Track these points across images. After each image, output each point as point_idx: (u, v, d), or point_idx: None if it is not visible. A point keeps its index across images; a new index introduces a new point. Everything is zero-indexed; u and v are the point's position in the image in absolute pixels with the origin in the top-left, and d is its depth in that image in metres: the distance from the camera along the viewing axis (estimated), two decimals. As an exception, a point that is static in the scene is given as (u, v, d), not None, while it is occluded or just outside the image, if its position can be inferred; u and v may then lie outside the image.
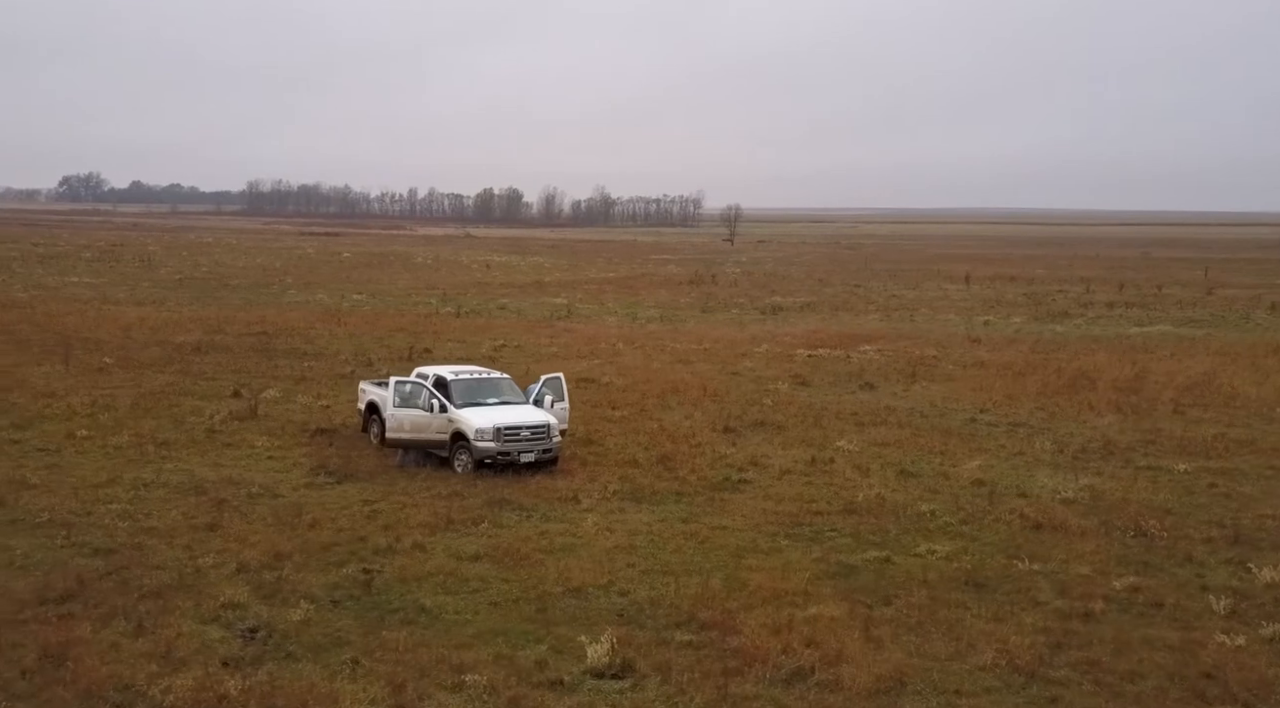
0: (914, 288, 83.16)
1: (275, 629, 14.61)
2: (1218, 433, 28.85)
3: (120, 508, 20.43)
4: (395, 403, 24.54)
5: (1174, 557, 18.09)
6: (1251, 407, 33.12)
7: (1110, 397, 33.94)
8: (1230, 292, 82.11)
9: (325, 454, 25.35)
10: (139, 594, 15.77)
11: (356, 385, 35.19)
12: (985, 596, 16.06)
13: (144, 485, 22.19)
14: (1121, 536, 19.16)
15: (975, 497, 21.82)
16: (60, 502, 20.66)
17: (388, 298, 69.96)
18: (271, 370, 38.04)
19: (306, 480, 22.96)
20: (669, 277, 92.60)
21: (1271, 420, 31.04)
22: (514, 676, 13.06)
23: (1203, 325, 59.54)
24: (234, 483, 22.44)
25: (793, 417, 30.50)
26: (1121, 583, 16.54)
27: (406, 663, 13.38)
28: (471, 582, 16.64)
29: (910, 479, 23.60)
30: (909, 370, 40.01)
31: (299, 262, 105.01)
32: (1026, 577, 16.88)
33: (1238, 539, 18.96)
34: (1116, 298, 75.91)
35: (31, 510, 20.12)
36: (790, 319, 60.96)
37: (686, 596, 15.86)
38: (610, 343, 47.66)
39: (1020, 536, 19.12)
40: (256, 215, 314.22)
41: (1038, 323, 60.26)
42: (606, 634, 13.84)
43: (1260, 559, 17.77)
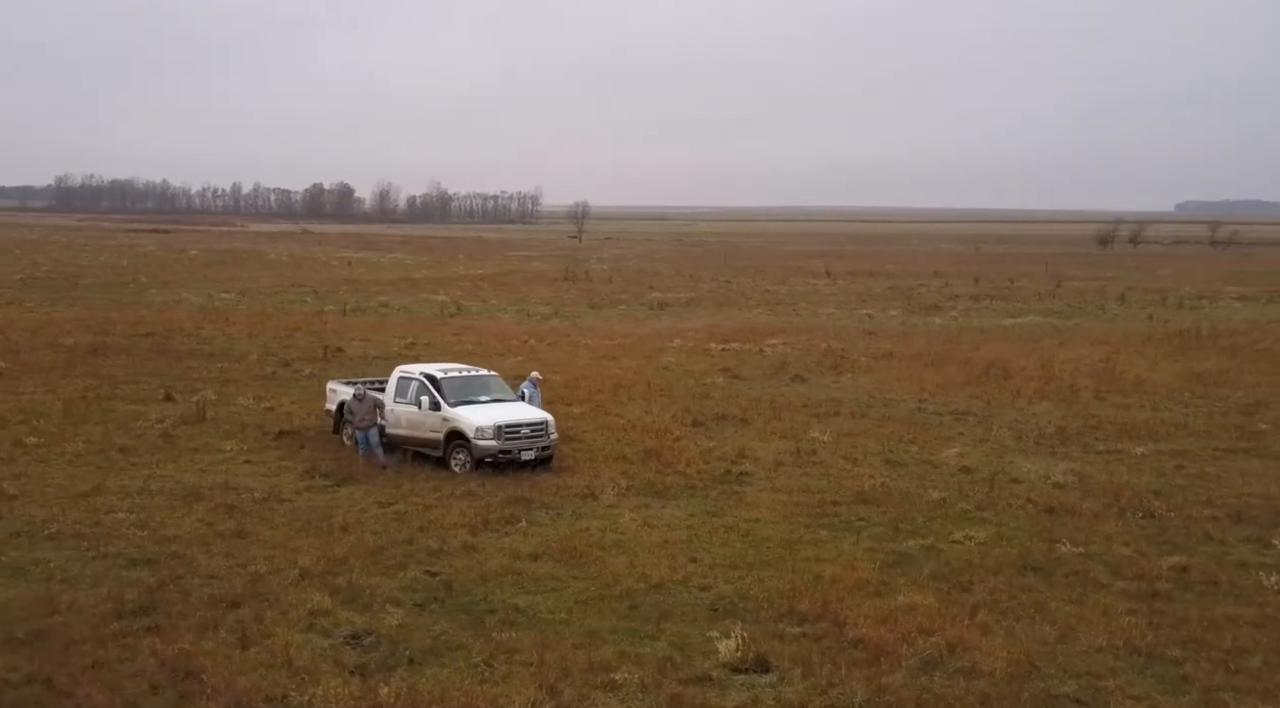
0: (782, 283, 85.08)
1: (380, 636, 14.23)
2: (1147, 417, 30.62)
3: (128, 517, 19.49)
4: (395, 399, 24.16)
5: (1193, 536, 19.07)
6: (1160, 392, 35.20)
7: (1032, 385, 35.53)
8: (1075, 284, 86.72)
9: (306, 457, 24.65)
10: (217, 605, 15.14)
11: (294, 387, 34.47)
12: (1049, 579, 16.62)
13: (136, 493, 21.21)
14: (1132, 517, 20.10)
15: (973, 484, 22.61)
16: (59, 513, 19.58)
17: (260, 296, 67.89)
18: (187, 373, 36.63)
19: (305, 484, 22.28)
20: (539, 273, 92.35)
21: (1185, 404, 33.08)
22: (656, 673, 13.02)
23: (1067, 316, 62.75)
24: (231, 488, 21.62)
25: (749, 410, 31.00)
26: (1167, 563, 17.31)
27: (543, 665, 13.22)
28: (544, 581, 16.48)
29: (899, 468, 24.32)
30: (828, 363, 41.06)
31: (146, 260, 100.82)
32: (1076, 560, 17.53)
33: (1240, 518, 20.09)
34: (975, 291, 79.31)
35: (33, 522, 19.03)
36: (681, 315, 61.69)
37: (771, 589, 15.98)
38: (521, 340, 47.41)
39: (1041, 520, 19.88)
40: (67, 212, 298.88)
41: (915, 315, 62.50)
42: (735, 630, 13.90)
43: (1275, 536, 19.02)
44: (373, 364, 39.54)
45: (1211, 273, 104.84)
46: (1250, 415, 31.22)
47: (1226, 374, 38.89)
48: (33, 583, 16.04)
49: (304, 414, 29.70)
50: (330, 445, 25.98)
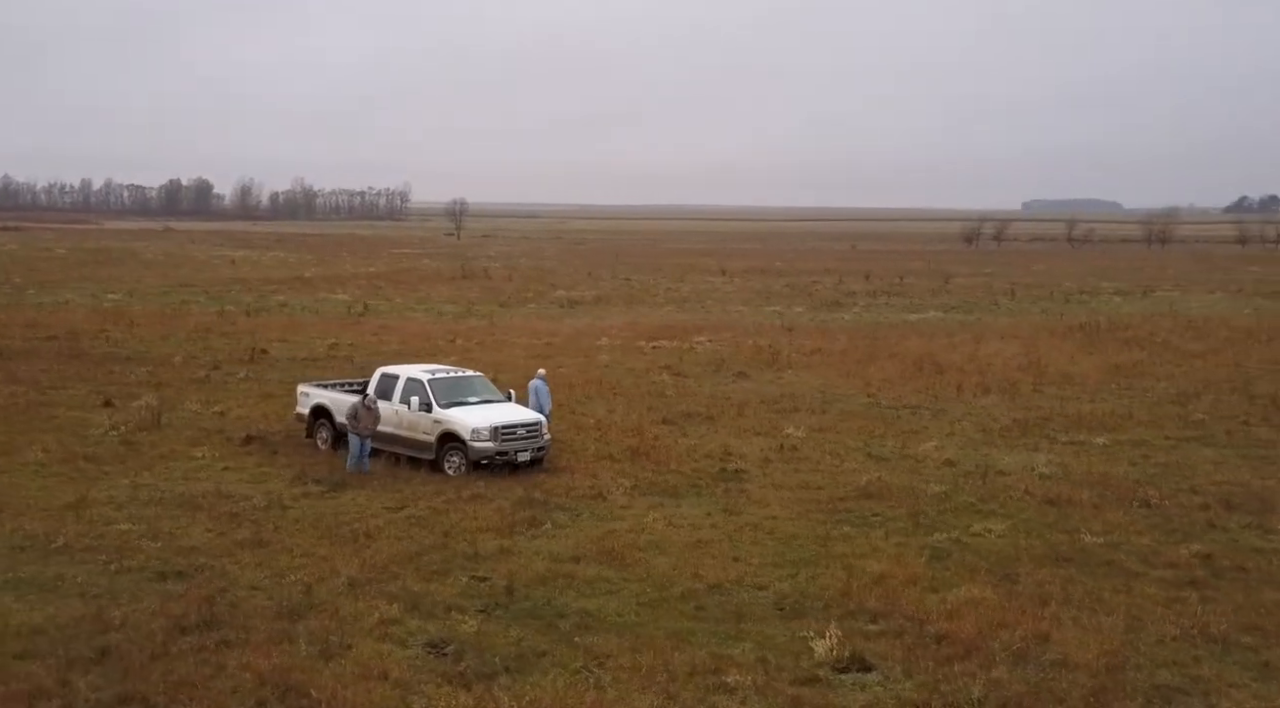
0: (681, 281, 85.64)
1: (460, 644, 13.91)
2: (1090, 409, 31.76)
3: (133, 528, 18.66)
4: (400, 399, 23.72)
5: (1197, 524, 19.73)
6: (1088, 384, 36.54)
7: (972, 379, 36.52)
8: (960, 281, 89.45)
9: (286, 462, 23.99)
10: (279, 616, 14.60)
11: (234, 390, 33.36)
12: (1086, 570, 16.99)
13: (128, 503, 20.37)
14: (1129, 507, 20.72)
15: (964, 477, 23.03)
16: (57, 525, 18.68)
17: (149, 297, 65.54)
18: (112, 377, 35.25)
19: (300, 490, 21.64)
20: (434, 272, 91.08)
21: (1117, 395, 34.39)
22: (766, 675, 12.93)
23: (965, 311, 64.62)
24: (225, 496, 20.88)
25: (711, 407, 31.13)
26: (1188, 551, 17.86)
27: (647, 669, 13.08)
28: (598, 584, 16.30)
29: (883, 462, 24.74)
30: (763, 360, 41.48)
31: (11, 259, 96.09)
32: (1101, 550, 17.98)
33: (1229, 505, 20.95)
34: (869, 288, 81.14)
35: (33, 536, 18.13)
36: (594, 313, 61.61)
37: (826, 586, 16.03)
38: (446, 340, 46.77)
39: (1047, 512, 20.35)
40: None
41: (819, 312, 63.59)
42: (830, 629, 13.94)
43: (1270, 521, 19.90)
44: (304, 366, 38.66)
45: (1082, 268, 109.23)
46: (1183, 405, 32.64)
47: (1141, 366, 40.58)
48: (67, 599, 15.26)
49: (260, 418, 28.83)
50: (304, 450, 25.28)
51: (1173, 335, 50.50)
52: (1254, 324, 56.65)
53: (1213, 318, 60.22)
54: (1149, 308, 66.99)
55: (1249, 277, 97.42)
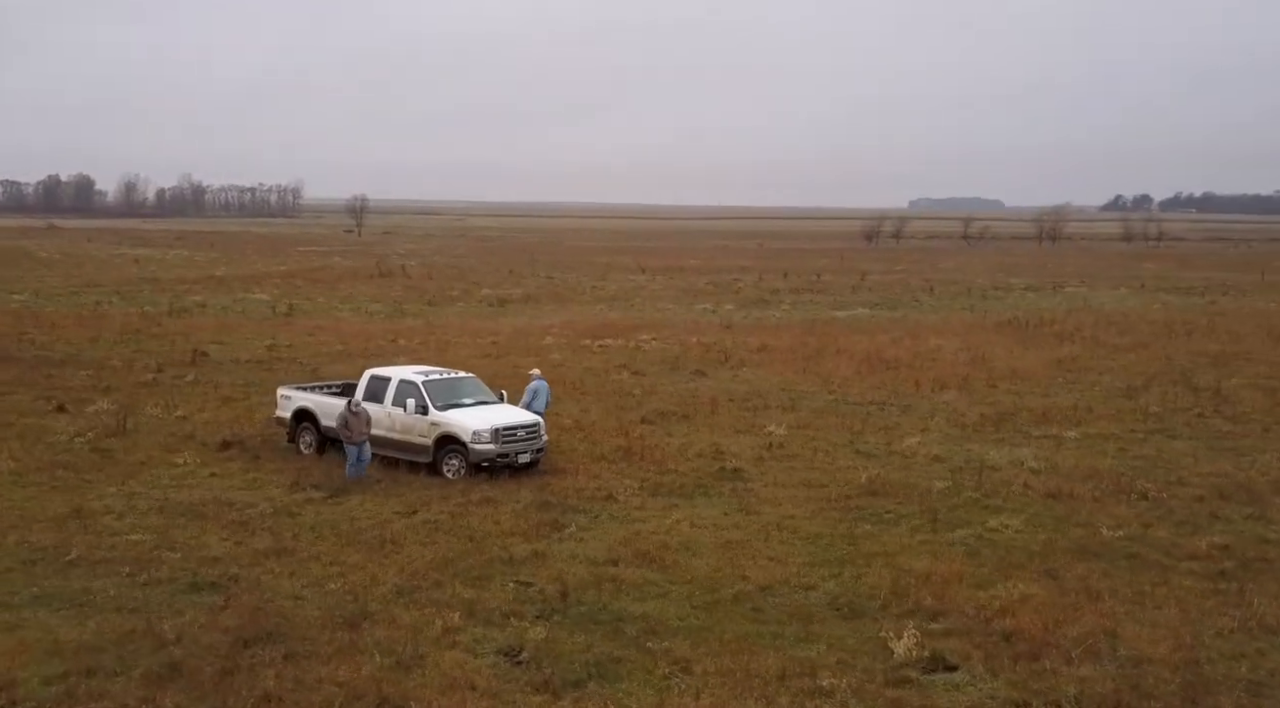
0: (603, 279, 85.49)
1: (532, 651, 13.65)
2: (1050, 403, 32.40)
3: (144, 539, 18.06)
4: (394, 402, 23.25)
5: (1199, 515, 20.21)
6: (1036, 378, 37.34)
7: (925, 375, 37.08)
8: (875, 278, 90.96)
9: (274, 468, 23.40)
10: (336, 627, 14.19)
11: (188, 393, 32.35)
12: (1116, 564, 17.27)
13: (128, 512, 19.73)
14: (1129, 500, 21.14)
15: (959, 472, 23.25)
16: (63, 538, 17.99)
17: (57, 298, 63.45)
18: (52, 381, 34.02)
19: (302, 496, 21.08)
20: (349, 270, 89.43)
21: (1068, 389, 35.16)
22: (854, 677, 12.92)
23: (891, 308, 65.63)
24: (226, 504, 20.27)
25: (683, 406, 31.11)
26: (1204, 543, 18.28)
27: (737, 674, 12.93)
28: (645, 587, 16.10)
29: (873, 458, 24.96)
30: (714, 358, 41.55)
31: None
32: (1123, 544, 18.29)
33: (1222, 496, 21.49)
34: (790, 285, 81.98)
35: (41, 549, 17.49)
36: (526, 311, 61.19)
37: (875, 585, 16.06)
38: (387, 339, 46.03)
39: (1054, 506, 20.65)
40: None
41: (749, 310, 64.00)
42: (909, 629, 13.98)
43: (1269, 512, 20.47)
44: (248, 368, 37.84)
45: (987, 265, 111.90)
46: (1133, 399, 33.58)
47: (1079, 361, 41.66)
48: (105, 614, 14.67)
49: (227, 422, 28.00)
50: (287, 455, 24.64)
51: (1097, 331, 51.95)
52: (1169, 319, 58.63)
53: (1128, 313, 62.20)
54: (1064, 303, 68.84)
55: (1145, 273, 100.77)
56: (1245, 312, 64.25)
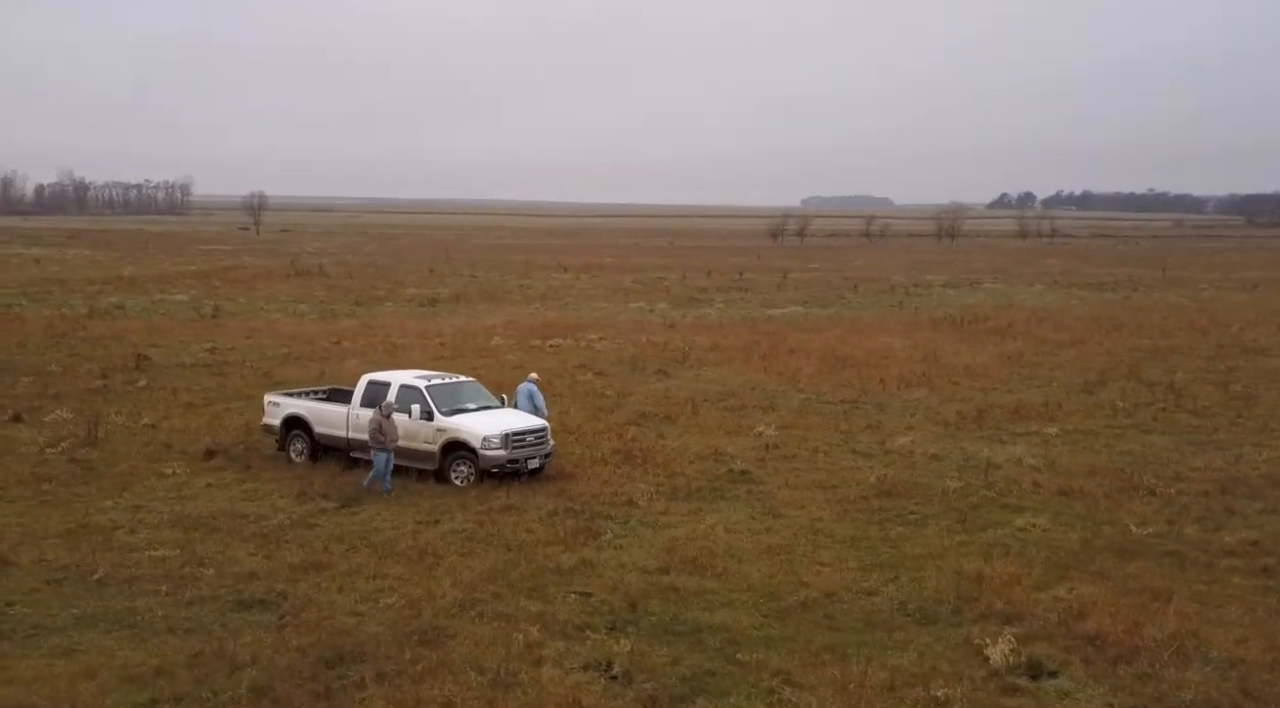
0: (527, 278, 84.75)
1: (624, 665, 13.26)
2: (1017, 400, 32.74)
3: (168, 555, 17.31)
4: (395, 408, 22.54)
5: (1213, 509, 20.55)
6: (994, 375, 37.74)
7: (886, 373, 37.40)
8: (796, 276, 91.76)
9: (271, 476, 22.62)
10: (411, 645, 13.65)
11: (145, 399, 31.11)
12: (1158, 562, 17.42)
13: (139, 527, 18.95)
14: (1139, 496, 21.43)
15: (964, 471, 23.34)
16: (82, 556, 17.16)
17: (-43, 298, 60.48)
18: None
19: (315, 506, 20.37)
20: (264, 269, 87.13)
21: (1029, 385, 35.50)
22: (964, 687, 12.73)
23: (822, 305, 66.00)
24: (238, 516, 19.52)
25: (661, 408, 30.78)
26: (1234, 539, 18.56)
27: (836, 684, 12.78)
28: (706, 596, 15.76)
29: (871, 458, 24.97)
30: (671, 358, 41.34)
31: None
32: (1156, 541, 18.51)
33: (1224, 490, 21.97)
34: (715, 284, 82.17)
35: (63, 568, 16.71)
36: (463, 311, 60.28)
37: (938, 589, 15.99)
38: (330, 341, 44.97)
39: (1071, 503, 20.84)
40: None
41: (684, 308, 63.78)
42: (1004, 635, 13.84)
43: (1277, 507, 20.86)
44: (198, 373, 36.80)
45: (898, 262, 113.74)
46: (1093, 394, 34.25)
47: (1026, 357, 42.36)
48: (161, 636, 14.00)
49: (200, 431, 27.00)
50: (279, 464, 23.82)
51: (1031, 327, 52.96)
52: (1094, 315, 60.14)
53: (1051, 309, 63.63)
54: (987, 300, 70.18)
55: (1053, 269, 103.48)
56: (1160, 307, 66.20)
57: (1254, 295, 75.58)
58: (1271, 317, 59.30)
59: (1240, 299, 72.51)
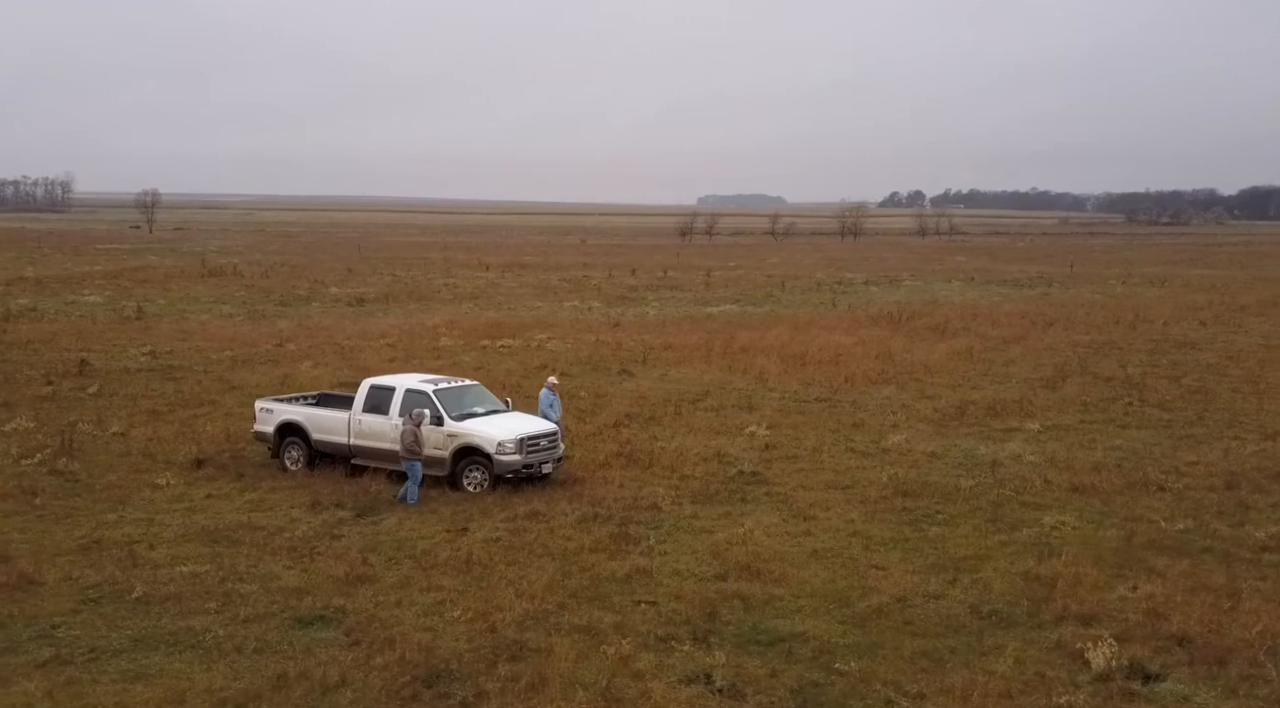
0: (451, 276, 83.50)
1: (727, 678, 12.93)
2: (985, 396, 32.98)
3: (202, 570, 16.57)
4: (400, 413, 21.83)
5: (1228, 505, 20.79)
6: (952, 372, 38.03)
7: (850, 370, 37.52)
8: (719, 274, 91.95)
9: (270, 486, 21.82)
10: (502, 662, 13.12)
11: (103, 406, 29.72)
12: (1200, 558, 17.53)
13: (158, 542, 18.09)
14: (1151, 492, 21.65)
15: (970, 469, 23.46)
16: (111, 573, 16.36)
17: None
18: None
19: (333, 517, 19.63)
20: (175, 269, 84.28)
21: (991, 382, 35.81)
22: (1085, 694, 12.62)
23: (756, 303, 66.06)
24: (254, 528, 18.77)
25: (643, 408, 30.36)
26: (1263, 533, 18.81)
27: (959, 692, 12.61)
28: (774, 603, 15.40)
29: (874, 457, 24.88)
30: (628, 357, 41.02)
31: None
32: (1191, 537, 18.65)
33: (1229, 485, 22.23)
34: (642, 282, 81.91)
35: (96, 586, 15.91)
36: (397, 311, 59.02)
37: (1003, 592, 15.93)
38: (272, 344, 43.57)
39: (1089, 500, 20.96)
40: None
41: (618, 306, 63.35)
42: (1103, 639, 13.73)
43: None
44: (147, 377, 35.50)
45: (813, 260, 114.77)
46: (1054, 390, 34.68)
47: (975, 353, 42.78)
48: (229, 656, 13.36)
49: (175, 439, 25.93)
50: (272, 472, 23.03)
51: (967, 323, 53.62)
52: (1023, 311, 61.19)
53: (979, 305, 64.57)
54: (912, 296, 71.10)
55: (963, 266, 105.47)
56: (1080, 302, 67.70)
57: (1164, 291, 77.94)
58: (1188, 312, 61.06)
59: (1152, 295, 74.63)
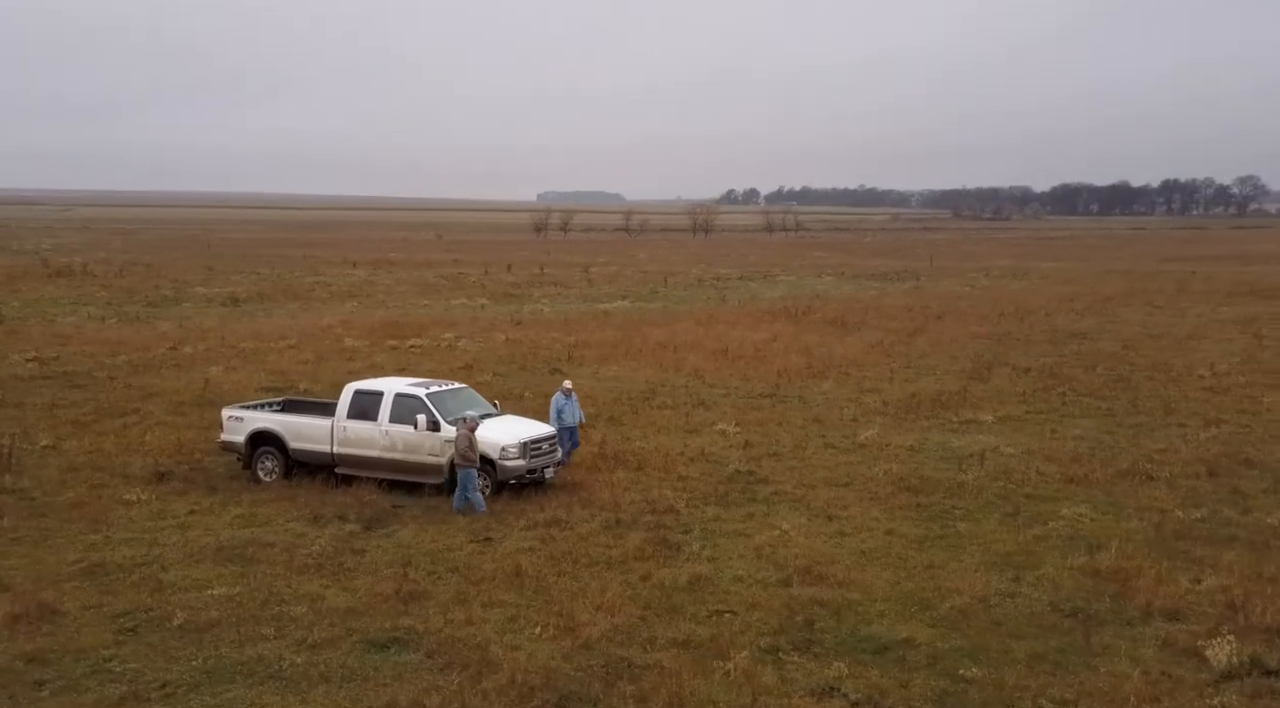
0: (320, 275, 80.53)
1: (857, 691, 12.43)
2: (925, 388, 33.08)
3: (233, 593, 15.34)
4: (392, 419, 20.56)
5: (1223, 492, 21.15)
6: (876, 366, 38.29)
7: (778, 365, 37.44)
8: (596, 270, 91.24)
9: (250, 500, 20.42)
10: (617, 680, 12.32)
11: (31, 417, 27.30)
12: (1231, 546, 17.69)
13: (169, 565, 16.53)
14: (1143, 481, 21.90)
15: (962, 462, 23.45)
16: (137, 601, 15.14)
17: None
18: None
19: (341, 530, 18.45)
20: (16, 268, 78.58)
21: (920, 374, 36.27)
22: (1228, 693, 12.42)
23: (647, 300, 65.53)
24: (264, 545, 17.60)
25: (599, 408, 29.44)
26: (1273, 519, 19.17)
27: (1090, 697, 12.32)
28: (854, 608, 14.84)
29: (853, 453, 24.62)
30: (552, 354, 40.23)
31: None
32: (1210, 526, 18.82)
33: (1211, 472, 22.69)
34: (520, 278, 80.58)
35: (130, 613, 14.66)
36: (276, 311, 56.55)
37: (1076, 589, 15.80)
38: (166, 347, 41.21)
39: (1089, 491, 21.09)
40: None
41: (506, 304, 62.04)
42: (1223, 637, 13.59)
43: (1278, 486, 21.73)
44: (42, 386, 33.22)
45: (680, 256, 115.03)
46: (984, 381, 35.17)
47: (890, 347, 43.23)
48: (318, 686, 12.39)
49: (118, 452, 24.23)
50: (243, 482, 21.68)
51: (861, 317, 54.31)
52: (904, 304, 62.30)
53: (860, 299, 65.44)
54: (793, 291, 71.70)
55: (825, 261, 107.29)
56: (953, 295, 69.36)
57: (1027, 284, 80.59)
58: (1061, 303, 63.11)
59: (1018, 287, 77.01)
